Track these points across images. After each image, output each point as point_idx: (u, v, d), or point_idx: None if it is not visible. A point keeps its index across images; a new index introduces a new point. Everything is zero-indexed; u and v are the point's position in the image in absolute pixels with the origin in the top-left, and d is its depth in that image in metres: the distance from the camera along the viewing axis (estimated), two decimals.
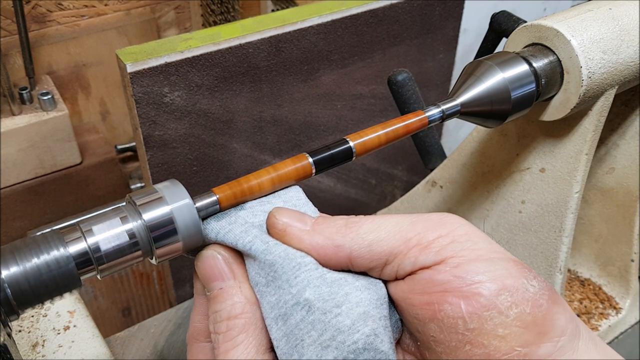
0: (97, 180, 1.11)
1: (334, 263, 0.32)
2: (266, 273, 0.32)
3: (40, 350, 0.56)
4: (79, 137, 1.10)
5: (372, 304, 0.30)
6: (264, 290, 0.32)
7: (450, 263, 0.29)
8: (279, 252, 0.32)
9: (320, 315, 0.30)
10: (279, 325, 0.31)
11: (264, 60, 0.69)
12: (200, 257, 0.35)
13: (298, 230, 0.33)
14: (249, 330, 0.32)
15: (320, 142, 0.82)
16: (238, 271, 0.34)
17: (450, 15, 0.84)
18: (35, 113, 0.99)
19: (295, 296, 0.31)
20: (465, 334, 0.28)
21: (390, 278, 0.32)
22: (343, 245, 0.32)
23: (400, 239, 0.31)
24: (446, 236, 0.30)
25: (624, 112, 0.60)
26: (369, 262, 0.31)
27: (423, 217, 0.32)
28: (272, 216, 0.34)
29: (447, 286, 0.29)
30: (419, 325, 0.30)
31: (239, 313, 0.32)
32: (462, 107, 0.43)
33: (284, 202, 0.36)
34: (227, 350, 0.32)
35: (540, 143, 0.53)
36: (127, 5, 1.21)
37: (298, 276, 0.31)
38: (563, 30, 0.45)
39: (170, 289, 0.85)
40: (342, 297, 0.30)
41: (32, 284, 0.30)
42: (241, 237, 0.33)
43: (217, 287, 0.33)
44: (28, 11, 1.10)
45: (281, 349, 0.31)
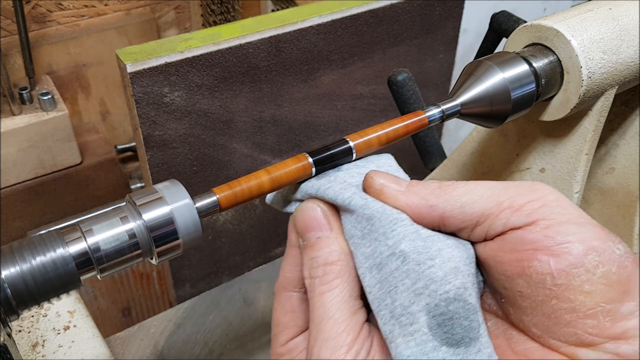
0: (97, 180, 1.11)
1: (427, 222, 0.34)
2: (362, 226, 0.35)
3: (40, 350, 0.56)
4: (79, 137, 1.10)
5: (462, 261, 0.33)
6: (358, 243, 0.35)
7: (541, 224, 0.31)
8: (376, 208, 0.34)
9: (415, 265, 0.32)
10: (372, 274, 0.34)
11: (264, 60, 0.69)
12: (301, 209, 0.37)
13: (394, 190, 0.35)
14: (344, 276, 0.35)
15: (320, 142, 0.82)
16: (335, 224, 0.36)
17: (450, 15, 0.84)
18: (35, 113, 0.99)
19: (391, 247, 0.33)
20: (552, 289, 0.30)
21: (479, 239, 0.34)
22: (436, 206, 0.34)
23: (492, 202, 0.33)
24: (537, 201, 0.32)
25: (624, 112, 0.60)
26: (461, 223, 0.33)
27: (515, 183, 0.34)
28: (369, 177, 0.36)
29: (538, 245, 0.30)
30: (506, 281, 0.32)
31: (336, 260, 0.35)
32: (462, 107, 0.43)
33: (377, 167, 0.39)
34: (322, 293, 0.34)
35: (540, 143, 0.53)
36: (127, 5, 1.21)
37: (395, 230, 0.33)
38: (563, 30, 0.45)
39: (170, 289, 0.85)
40: (436, 252, 0.32)
41: (32, 284, 0.30)
42: (341, 193, 0.36)
43: (315, 237, 0.36)
44: (28, 11, 1.10)
45: (374, 295, 0.33)
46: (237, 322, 0.72)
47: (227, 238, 0.83)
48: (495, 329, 0.34)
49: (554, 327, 0.30)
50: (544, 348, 0.31)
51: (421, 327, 0.31)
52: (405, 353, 0.31)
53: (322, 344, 0.33)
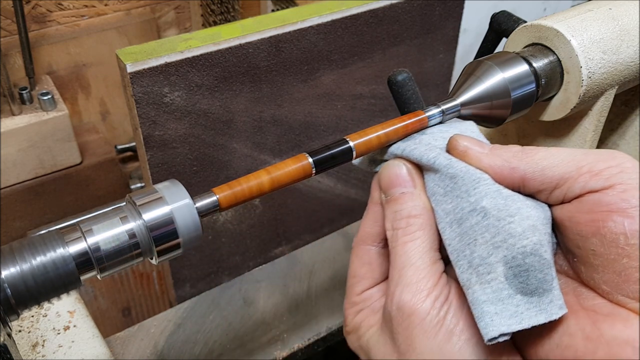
0: (97, 180, 1.11)
1: (508, 183, 0.36)
2: (445, 184, 0.37)
3: (40, 350, 0.56)
4: (79, 137, 1.10)
5: (539, 220, 0.34)
6: (440, 200, 0.37)
7: (618, 188, 0.32)
8: (460, 167, 0.37)
9: (495, 221, 0.34)
10: (453, 228, 0.36)
11: (264, 60, 0.69)
12: (387, 166, 0.40)
13: (477, 152, 0.37)
14: (425, 229, 0.37)
15: (320, 142, 0.82)
16: (418, 181, 0.39)
17: (450, 15, 0.84)
18: (35, 113, 0.99)
19: (472, 204, 0.35)
20: (625, 248, 0.31)
21: (557, 201, 0.35)
22: (518, 168, 0.35)
23: (572, 166, 0.34)
24: (616, 167, 0.33)
25: (624, 112, 0.60)
26: (540, 185, 0.35)
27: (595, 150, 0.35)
28: (453, 140, 0.38)
29: (614, 207, 0.32)
30: (580, 240, 0.34)
31: (418, 213, 0.37)
32: (462, 107, 0.43)
33: (460, 132, 0.40)
34: (405, 243, 0.36)
35: (540, 143, 0.53)
36: (127, 5, 1.21)
37: (477, 187, 0.35)
38: (563, 30, 0.45)
39: (170, 289, 0.85)
40: (515, 210, 0.34)
41: (32, 284, 0.30)
42: (426, 153, 0.38)
43: (399, 192, 0.38)
44: (28, 11, 1.10)
45: (453, 247, 0.36)
46: (237, 322, 0.72)
47: (227, 238, 0.83)
48: (565, 286, 0.36)
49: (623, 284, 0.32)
50: (612, 304, 0.33)
51: (498, 277, 0.33)
52: (481, 298, 0.33)
53: (404, 288, 0.35)
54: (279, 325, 0.72)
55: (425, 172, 0.39)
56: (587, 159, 0.34)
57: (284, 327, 0.72)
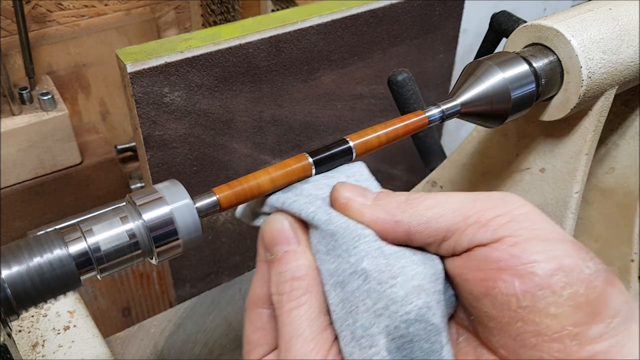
0: (97, 180, 1.11)
1: (393, 237, 0.33)
2: (327, 242, 0.34)
3: (40, 350, 0.56)
4: (79, 137, 1.10)
5: (427, 278, 0.31)
6: (323, 258, 0.34)
7: (507, 242, 0.30)
8: (340, 223, 0.33)
9: (376, 285, 0.31)
10: (336, 292, 0.33)
11: (264, 60, 0.69)
12: (268, 221, 0.36)
13: (359, 204, 0.34)
14: (311, 292, 0.33)
15: (320, 142, 0.82)
16: (302, 237, 0.35)
17: (450, 15, 0.84)
18: (35, 113, 0.99)
19: (353, 265, 0.32)
20: (517, 311, 0.29)
21: (447, 254, 0.33)
22: (402, 221, 0.33)
23: (459, 216, 0.31)
24: (505, 215, 0.31)
25: (624, 112, 0.60)
26: (427, 238, 0.32)
27: (483, 195, 0.32)
28: (335, 190, 0.35)
29: (502, 264, 0.29)
30: (472, 300, 0.31)
31: (303, 275, 0.34)
32: (462, 107, 0.43)
33: (347, 177, 0.37)
34: (290, 310, 0.33)
35: (540, 143, 0.53)
36: (127, 5, 1.21)
37: (357, 246, 0.32)
38: (563, 30, 0.45)
39: (170, 289, 0.85)
40: (398, 270, 0.31)
41: (32, 284, 0.30)
42: (305, 207, 0.35)
43: (282, 250, 0.35)
44: (28, 11, 1.10)
45: (337, 314, 0.32)
46: (237, 322, 0.72)
47: (227, 238, 0.83)
48: (466, 345, 0.33)
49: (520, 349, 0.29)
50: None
51: (380, 351, 0.30)
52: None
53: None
54: None
55: (309, 227, 0.36)
56: (475, 207, 0.31)
57: None
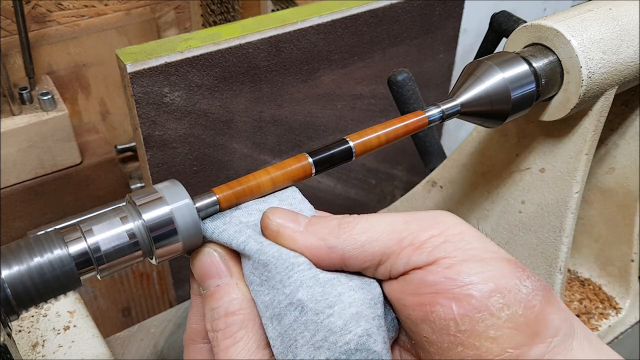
0: (97, 180, 1.11)
1: (327, 263, 0.32)
2: (260, 273, 0.32)
3: (40, 350, 0.56)
4: (79, 137, 1.10)
5: (365, 304, 0.30)
6: (258, 290, 0.32)
7: (442, 264, 0.29)
8: (272, 252, 0.32)
9: (313, 315, 0.30)
10: (274, 325, 0.31)
11: (264, 60, 0.69)
12: (197, 255, 0.34)
13: (291, 230, 0.33)
14: (248, 327, 0.32)
15: (320, 142, 0.82)
16: (234, 269, 0.34)
17: (450, 15, 0.84)
18: (35, 113, 0.99)
19: (288, 296, 0.30)
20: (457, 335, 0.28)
21: (384, 277, 0.32)
22: (336, 247, 0.31)
23: (393, 239, 0.30)
24: (439, 236, 0.30)
25: (624, 112, 0.60)
26: (362, 263, 0.31)
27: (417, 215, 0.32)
28: (265, 217, 0.33)
29: (439, 287, 0.29)
30: (412, 325, 0.30)
31: (237, 309, 0.32)
32: (462, 107, 0.43)
33: (279, 201, 0.36)
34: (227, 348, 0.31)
35: (540, 143, 0.53)
36: (127, 5, 1.21)
37: (291, 277, 0.31)
38: (563, 30, 0.45)
39: (170, 289, 0.85)
40: (335, 298, 0.30)
41: (32, 284, 0.30)
42: (235, 236, 0.33)
43: (214, 285, 0.33)
44: (28, 11, 1.10)
45: (277, 349, 0.31)
46: None
47: None
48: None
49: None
50: None
51: None
52: None
53: None
54: None
55: (242, 257, 0.34)
56: (409, 229, 0.30)
57: None
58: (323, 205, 0.90)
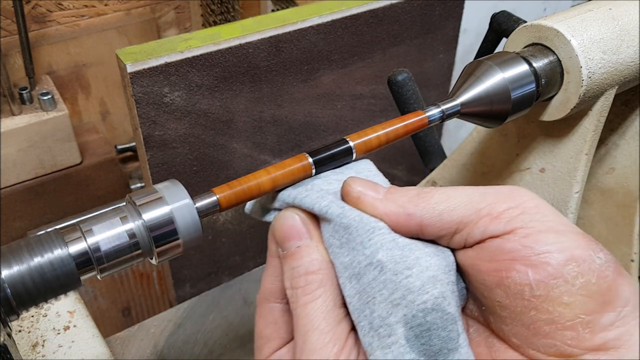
0: (97, 180, 1.11)
1: (405, 230, 0.33)
2: (340, 235, 0.34)
3: (40, 350, 0.56)
4: (79, 137, 1.10)
5: (440, 269, 0.32)
6: (337, 252, 0.34)
7: (520, 233, 0.30)
8: (353, 216, 0.34)
9: (392, 275, 0.31)
10: (352, 284, 0.33)
11: (264, 60, 0.69)
12: (279, 217, 0.36)
13: (371, 198, 0.34)
14: (326, 285, 0.34)
15: (320, 142, 0.82)
16: (314, 232, 0.36)
17: (450, 15, 0.84)
18: (35, 113, 0.99)
19: (368, 257, 0.32)
20: (531, 300, 0.29)
21: (458, 246, 0.33)
22: (414, 214, 0.33)
23: (470, 209, 0.32)
24: (516, 208, 0.31)
25: (624, 112, 0.60)
26: (439, 231, 0.33)
27: (494, 189, 0.33)
28: (346, 185, 0.35)
29: (516, 254, 0.30)
30: (485, 290, 0.32)
31: (317, 269, 0.34)
32: (462, 107, 0.43)
33: (356, 173, 0.38)
34: (305, 304, 0.33)
35: (540, 143, 0.53)
36: (127, 5, 1.21)
37: (372, 239, 0.33)
38: (563, 30, 0.45)
39: (170, 289, 0.85)
40: (413, 261, 0.32)
41: (32, 284, 0.30)
42: (317, 201, 0.35)
43: (294, 246, 0.35)
44: (28, 11, 1.10)
45: (353, 305, 0.33)
46: (237, 322, 0.72)
47: (227, 238, 0.83)
48: (477, 335, 0.34)
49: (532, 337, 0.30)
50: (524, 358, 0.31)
51: (399, 339, 0.31)
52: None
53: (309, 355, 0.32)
54: None
55: (321, 221, 0.36)
56: (486, 200, 0.32)
57: None
58: None
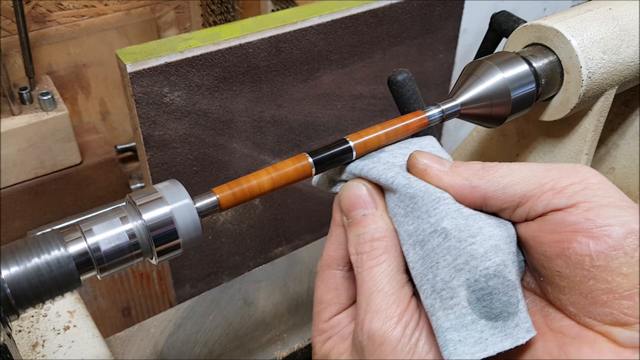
0: (97, 180, 1.11)
1: (469, 202, 0.35)
2: (405, 205, 0.36)
3: (40, 350, 0.56)
4: (79, 137, 1.10)
5: (502, 239, 0.33)
6: (401, 221, 0.36)
7: (582, 207, 0.32)
8: (419, 187, 0.36)
9: (456, 242, 0.33)
10: (415, 250, 0.35)
11: (264, 60, 0.69)
12: (347, 187, 0.38)
13: (437, 170, 0.36)
14: (390, 252, 0.36)
15: (320, 142, 0.82)
16: (380, 202, 0.38)
17: (450, 15, 0.84)
18: (35, 113, 0.99)
19: (433, 225, 0.34)
20: (590, 270, 0.31)
21: (520, 219, 0.35)
22: (479, 187, 0.35)
23: (534, 184, 0.33)
24: (579, 183, 0.33)
25: (624, 112, 0.60)
26: (502, 203, 0.34)
27: (558, 165, 0.34)
28: (412, 157, 0.37)
29: (578, 227, 0.31)
30: (545, 261, 0.33)
31: (382, 236, 0.36)
32: (462, 107, 0.43)
33: (420, 148, 0.39)
34: (371, 267, 0.35)
35: (540, 143, 0.53)
36: (127, 5, 1.21)
37: (437, 208, 0.34)
38: (563, 30, 0.45)
39: (170, 289, 0.85)
40: (477, 230, 0.33)
41: (31, 284, 0.30)
42: (384, 172, 0.37)
43: (361, 214, 0.37)
44: (28, 11, 1.10)
45: (417, 270, 0.35)
46: (237, 322, 0.72)
47: (227, 238, 0.83)
48: (533, 306, 0.35)
49: (590, 306, 0.31)
50: (580, 326, 0.32)
51: (461, 301, 0.32)
52: (444, 325, 0.32)
53: (374, 315, 0.34)
54: (279, 325, 0.72)
55: (385, 192, 0.38)
56: (550, 175, 0.33)
57: (284, 327, 0.72)
58: (323, 205, 0.90)
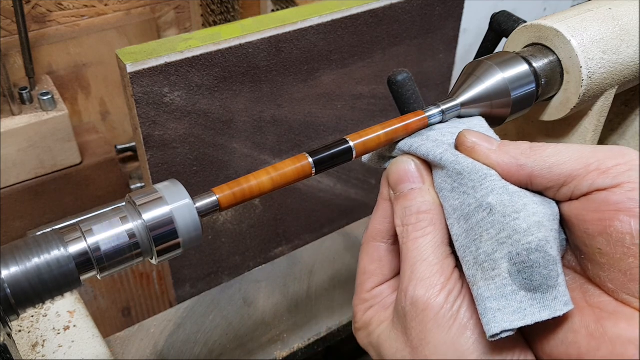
0: (97, 180, 1.11)
1: (515, 180, 0.36)
2: (452, 180, 0.37)
3: (40, 350, 0.56)
4: (79, 137, 1.10)
5: (546, 217, 0.34)
6: (448, 195, 0.38)
7: (626, 187, 0.32)
8: (467, 163, 0.37)
9: (500, 217, 0.34)
10: (460, 224, 0.36)
11: (264, 60, 0.69)
12: (396, 162, 0.40)
13: (485, 148, 0.37)
14: (436, 224, 0.37)
15: (320, 142, 0.82)
16: (427, 177, 0.39)
17: (450, 15, 0.84)
18: (35, 113, 0.99)
19: (478, 200, 0.35)
20: (631, 247, 0.32)
21: (564, 198, 0.35)
22: (526, 165, 0.36)
23: (580, 164, 0.34)
24: (624, 165, 0.33)
25: (624, 112, 0.60)
26: (548, 182, 0.35)
27: (604, 147, 0.35)
28: (462, 135, 0.38)
29: (621, 206, 0.32)
30: (587, 239, 0.34)
31: (428, 209, 0.38)
32: (462, 107, 0.43)
33: (469, 127, 0.40)
34: (416, 239, 0.37)
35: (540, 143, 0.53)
36: (127, 5, 1.21)
37: (483, 184, 0.36)
38: (563, 30, 0.45)
39: (170, 289, 0.85)
40: (521, 206, 0.34)
41: (31, 284, 0.30)
42: (433, 149, 0.39)
43: (408, 188, 0.39)
44: (28, 11, 1.10)
45: (460, 243, 0.36)
46: (237, 322, 0.72)
47: (227, 238, 0.83)
48: (572, 283, 0.36)
49: (629, 283, 0.32)
50: (617, 302, 0.33)
51: (502, 273, 0.33)
52: (485, 295, 0.33)
53: (417, 283, 0.35)
54: (279, 325, 0.72)
55: (433, 168, 0.39)
56: (596, 156, 0.34)
57: (284, 327, 0.72)
58: (323, 205, 0.90)
